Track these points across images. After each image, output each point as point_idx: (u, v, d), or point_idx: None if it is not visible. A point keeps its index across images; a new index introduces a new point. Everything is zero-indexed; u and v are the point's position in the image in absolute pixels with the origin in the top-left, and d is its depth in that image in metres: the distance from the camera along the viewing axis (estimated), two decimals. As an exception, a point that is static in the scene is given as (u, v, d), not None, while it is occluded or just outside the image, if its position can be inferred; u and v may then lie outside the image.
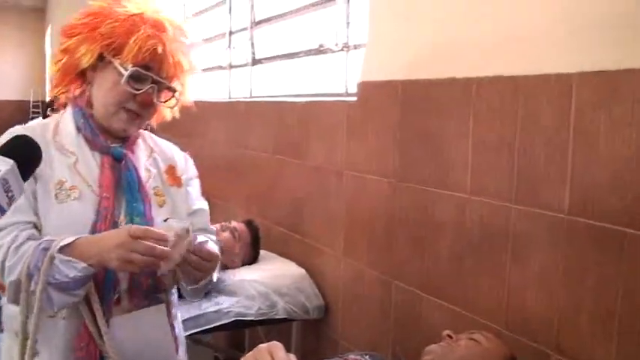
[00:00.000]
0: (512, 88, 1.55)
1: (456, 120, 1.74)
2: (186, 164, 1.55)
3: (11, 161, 0.89)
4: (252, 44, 3.22)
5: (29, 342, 1.24)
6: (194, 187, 1.54)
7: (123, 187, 1.37)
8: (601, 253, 1.32)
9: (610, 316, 1.30)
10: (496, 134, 1.61)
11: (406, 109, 1.94)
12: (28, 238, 1.26)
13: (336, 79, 2.51)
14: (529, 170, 1.51)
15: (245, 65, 3.28)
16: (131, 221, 1.34)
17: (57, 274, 1.19)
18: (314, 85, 2.72)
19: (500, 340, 1.42)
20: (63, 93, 1.43)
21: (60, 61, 1.37)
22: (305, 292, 2.37)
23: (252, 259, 2.57)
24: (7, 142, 0.94)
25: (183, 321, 1.69)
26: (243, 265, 2.52)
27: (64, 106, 1.45)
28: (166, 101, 1.42)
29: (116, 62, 1.31)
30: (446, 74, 1.77)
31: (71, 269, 1.19)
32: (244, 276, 2.40)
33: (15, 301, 1.25)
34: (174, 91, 1.41)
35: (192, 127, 3.89)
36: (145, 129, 1.52)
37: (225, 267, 2.42)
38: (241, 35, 3.34)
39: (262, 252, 2.62)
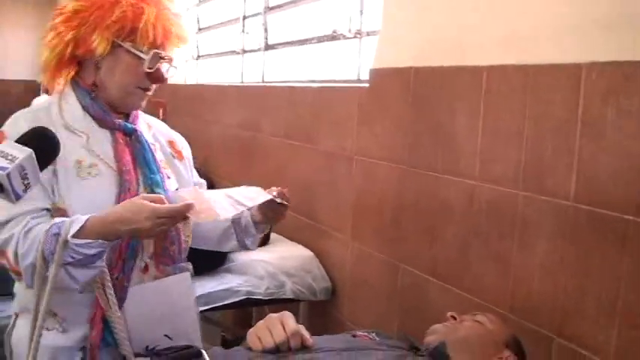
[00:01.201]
0: (522, 77, 1.57)
1: (466, 107, 1.77)
2: (182, 142, 1.62)
3: (29, 150, 0.92)
4: (266, 29, 3.24)
5: (38, 323, 1.26)
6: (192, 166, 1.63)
7: (139, 160, 1.42)
8: (605, 241, 1.35)
9: (613, 302, 1.33)
10: (505, 122, 1.63)
11: (417, 96, 1.97)
12: (38, 224, 1.28)
13: (349, 65, 2.53)
14: (537, 158, 1.54)
15: (258, 50, 3.31)
16: (152, 192, 1.38)
17: (74, 254, 1.22)
18: (326, 72, 2.75)
19: (503, 322, 1.46)
20: (59, 78, 1.44)
21: (62, 50, 1.37)
22: (312, 274, 2.42)
23: (262, 241, 2.61)
24: (27, 132, 0.98)
25: (194, 298, 1.74)
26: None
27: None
28: (167, 71, 1.46)
29: (128, 46, 1.35)
30: (457, 62, 1.80)
31: (89, 249, 1.22)
32: (253, 256, 2.44)
33: (32, 286, 1.28)
34: (171, 61, 1.45)
35: (205, 111, 3.93)
36: None
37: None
38: (255, 20, 3.36)
39: (272, 235, 2.67)
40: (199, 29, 4.31)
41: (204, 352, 1.17)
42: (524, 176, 1.58)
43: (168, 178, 1.48)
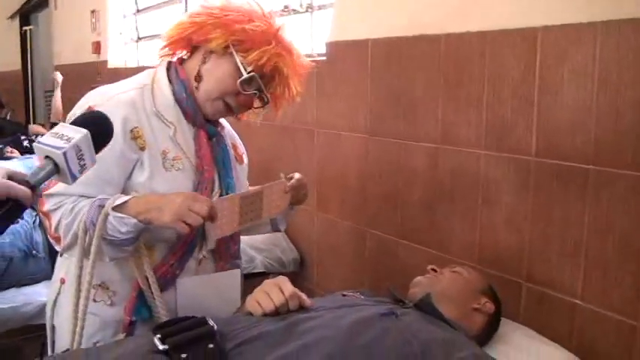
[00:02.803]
0: (479, 43, 1.67)
1: (425, 75, 1.85)
2: (242, 146, 1.66)
3: (85, 130, 0.92)
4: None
5: (83, 292, 1.30)
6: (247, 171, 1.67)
7: (217, 161, 1.45)
8: (567, 191, 1.47)
9: (577, 246, 1.46)
10: (465, 86, 1.73)
11: (376, 67, 2.04)
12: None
13: (301, 40, 2.57)
14: (497, 119, 1.64)
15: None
16: (225, 194, 1.43)
17: (110, 230, 1.25)
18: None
19: (479, 271, 1.57)
20: (168, 55, 1.47)
21: (187, 29, 1.40)
22: (280, 247, 2.47)
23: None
24: (84, 114, 0.98)
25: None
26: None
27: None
28: (257, 108, 1.49)
29: (239, 58, 1.37)
30: (414, 32, 1.88)
31: (122, 225, 1.24)
32: (220, 234, 2.47)
33: (69, 252, 1.32)
34: (267, 103, 1.47)
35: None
36: None
37: (200, 227, 2.50)
38: (198, -1, 3.33)
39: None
40: (138, 10, 4.22)
41: (209, 319, 1.20)
42: (486, 137, 1.68)
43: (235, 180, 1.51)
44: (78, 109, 1.34)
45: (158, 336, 1.15)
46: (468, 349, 1.22)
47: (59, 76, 4.48)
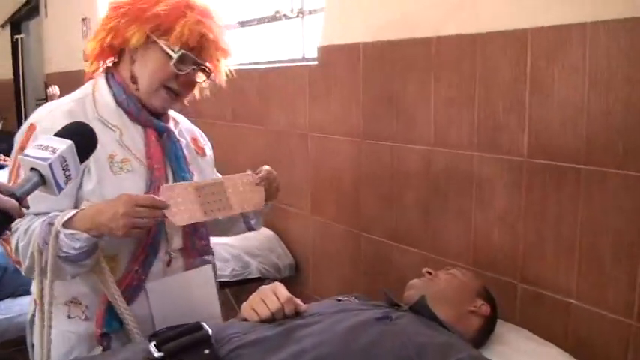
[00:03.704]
0: (470, 45, 1.67)
1: (417, 77, 1.86)
2: (203, 136, 1.64)
3: (69, 141, 0.92)
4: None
5: (45, 313, 1.28)
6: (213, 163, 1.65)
7: (170, 158, 1.44)
8: (560, 191, 1.48)
9: (571, 245, 1.46)
10: (457, 88, 1.74)
11: (368, 71, 2.05)
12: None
13: (292, 45, 2.58)
14: (489, 120, 1.65)
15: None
16: None
17: (64, 247, 1.23)
18: (269, 53, 2.78)
19: (474, 274, 1.57)
20: (97, 69, 1.46)
21: (104, 38, 1.40)
22: (275, 252, 2.47)
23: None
24: (66, 126, 0.98)
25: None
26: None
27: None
28: (203, 81, 1.48)
29: (162, 43, 1.36)
30: (405, 35, 1.88)
31: (75, 241, 1.22)
32: (215, 240, 2.46)
33: (31, 274, 1.29)
34: (210, 72, 1.46)
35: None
36: None
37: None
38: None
39: (230, 217, 2.69)
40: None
41: (204, 324, 1.20)
42: (479, 138, 1.69)
43: (193, 175, 1.50)
44: (20, 134, 1.34)
45: (154, 343, 1.15)
46: (464, 351, 1.22)
47: (57, 89, 4.46)
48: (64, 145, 0.92)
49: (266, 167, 1.50)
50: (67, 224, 1.22)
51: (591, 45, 1.38)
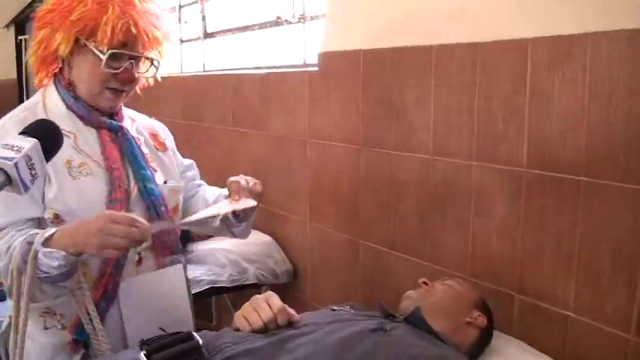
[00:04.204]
0: (470, 54, 1.66)
1: (417, 85, 1.85)
2: (164, 130, 1.64)
3: (34, 140, 0.92)
4: (204, 17, 3.22)
5: (19, 335, 1.26)
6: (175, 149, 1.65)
7: (127, 157, 1.42)
8: (559, 202, 1.46)
9: (570, 257, 1.44)
10: (456, 97, 1.72)
11: (368, 78, 2.04)
12: (20, 236, 1.27)
13: (293, 51, 2.57)
14: (488, 130, 1.63)
15: (197, 39, 3.28)
16: (144, 187, 1.40)
17: (42, 266, 1.20)
18: (270, 58, 2.77)
19: (471, 285, 1.55)
20: (45, 77, 1.45)
21: (36, 51, 1.39)
22: (273, 258, 2.46)
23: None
24: (31, 124, 0.97)
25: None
26: (210, 237, 2.57)
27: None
28: (147, 71, 1.46)
29: (91, 46, 1.33)
30: (405, 43, 1.87)
31: (53, 260, 1.19)
32: (213, 246, 2.46)
33: (10, 296, 1.28)
34: (152, 59, 1.45)
35: (143, 103, 3.86)
36: None
37: (192, 239, 2.49)
38: (192, 9, 3.33)
39: (228, 223, 2.68)
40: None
41: (195, 334, 1.19)
42: (477, 147, 1.67)
43: (155, 171, 1.49)
44: None
45: (144, 352, 1.13)
46: (459, 363, 1.21)
47: None
48: (29, 143, 0.91)
49: (232, 179, 1.45)
50: (45, 243, 1.20)
51: (592, 55, 1.37)
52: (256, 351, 1.16)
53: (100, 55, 1.33)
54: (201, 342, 1.16)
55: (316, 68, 2.26)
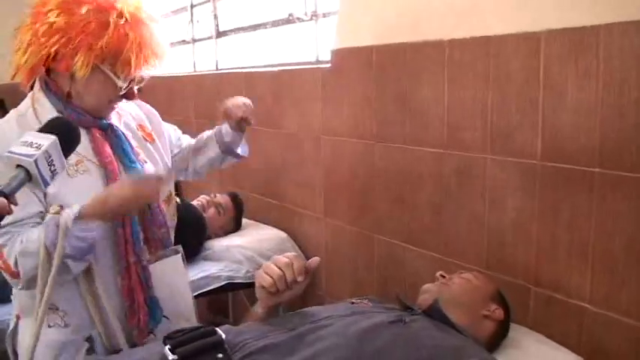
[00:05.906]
0: (483, 48, 1.67)
1: (430, 80, 1.86)
2: (151, 115, 1.68)
3: (53, 136, 0.94)
4: (216, 16, 3.24)
5: (40, 315, 1.28)
6: (165, 126, 1.75)
7: (117, 152, 1.48)
8: (573, 194, 1.47)
9: (585, 248, 1.45)
10: (470, 90, 1.73)
11: (381, 73, 2.05)
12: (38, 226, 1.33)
13: (305, 48, 2.58)
14: (502, 123, 1.64)
15: (209, 38, 3.30)
16: None
17: (74, 241, 1.27)
18: (282, 56, 2.79)
19: (487, 278, 1.56)
20: (31, 80, 1.46)
21: (42, 58, 1.37)
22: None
23: (234, 230, 2.66)
24: (48, 122, 1.00)
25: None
26: (226, 234, 2.61)
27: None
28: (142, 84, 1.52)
29: (108, 70, 1.38)
30: (417, 38, 1.88)
31: (88, 232, 1.28)
32: (229, 243, 2.49)
33: (30, 288, 1.32)
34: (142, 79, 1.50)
35: (157, 103, 3.89)
36: None
37: (208, 237, 2.52)
38: (204, 8, 3.35)
39: (244, 220, 2.71)
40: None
41: (217, 329, 1.21)
42: (492, 140, 1.68)
43: (145, 162, 1.54)
44: None
45: (168, 346, 1.16)
46: (477, 355, 1.22)
47: None
48: (48, 140, 0.93)
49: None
50: (75, 220, 1.27)
51: (605, 47, 1.37)
52: (277, 346, 1.18)
53: (118, 82, 1.39)
54: (224, 337, 1.18)
55: (329, 65, 2.28)
